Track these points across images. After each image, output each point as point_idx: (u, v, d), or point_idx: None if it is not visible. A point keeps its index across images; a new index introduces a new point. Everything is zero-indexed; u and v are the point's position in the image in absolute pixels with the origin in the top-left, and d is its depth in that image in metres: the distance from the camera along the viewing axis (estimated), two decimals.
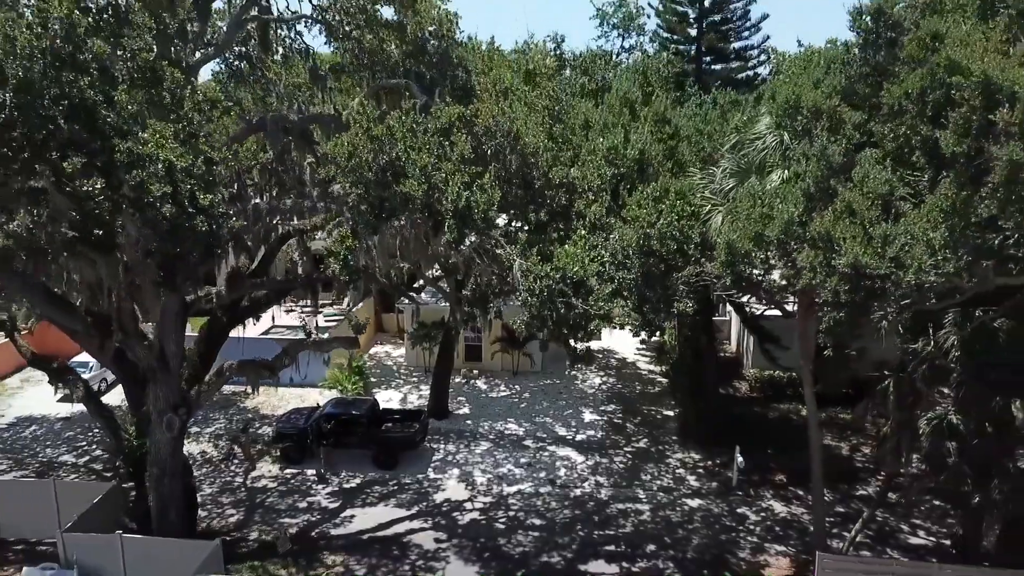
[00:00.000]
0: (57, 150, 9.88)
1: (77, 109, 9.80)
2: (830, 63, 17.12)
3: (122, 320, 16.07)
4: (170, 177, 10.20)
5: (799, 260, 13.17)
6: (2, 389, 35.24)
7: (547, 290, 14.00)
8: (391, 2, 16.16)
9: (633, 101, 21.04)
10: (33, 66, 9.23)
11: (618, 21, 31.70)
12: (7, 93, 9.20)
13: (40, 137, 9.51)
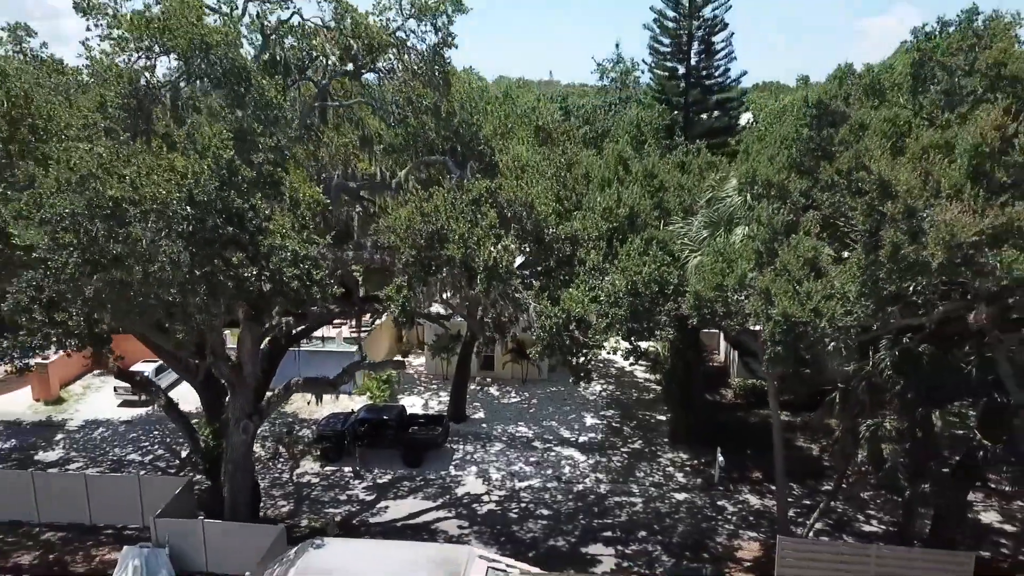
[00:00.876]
0: (222, 247, 13.84)
1: (233, 216, 13.73)
2: (783, 140, 21.20)
3: (215, 347, 20.22)
4: (295, 261, 14.25)
5: (746, 307, 17.24)
6: (67, 395, 39.43)
7: (556, 327, 18.09)
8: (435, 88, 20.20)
9: (626, 158, 25.04)
10: (209, 191, 13.19)
11: (616, 75, 35.50)
12: (192, 210, 13.15)
13: (213, 238, 13.43)
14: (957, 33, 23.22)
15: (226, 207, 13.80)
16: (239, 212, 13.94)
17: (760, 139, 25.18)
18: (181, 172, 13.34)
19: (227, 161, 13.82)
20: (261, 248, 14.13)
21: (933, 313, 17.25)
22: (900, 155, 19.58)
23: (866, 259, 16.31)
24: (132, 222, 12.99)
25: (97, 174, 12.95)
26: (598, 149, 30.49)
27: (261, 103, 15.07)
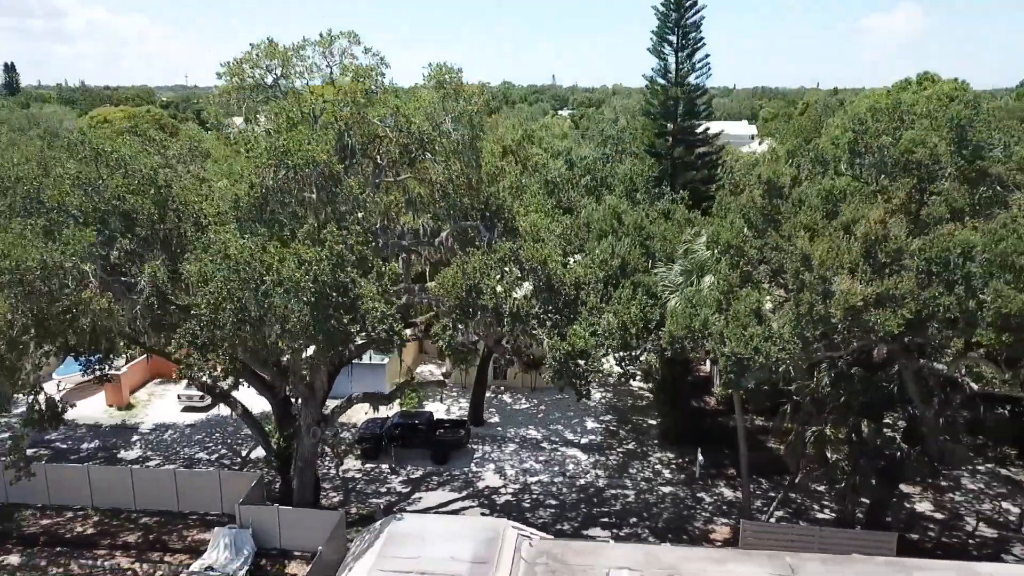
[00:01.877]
0: (334, 310, 19.52)
1: (341, 289, 19.33)
2: (742, 208, 26.88)
3: (298, 373, 26.00)
4: (383, 319, 19.85)
5: (706, 345, 22.90)
6: (136, 401, 45.22)
7: (563, 357, 23.75)
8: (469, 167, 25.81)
9: (620, 212, 30.67)
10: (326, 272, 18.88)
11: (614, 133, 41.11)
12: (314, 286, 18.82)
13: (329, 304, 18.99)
14: (885, 116, 28.89)
15: (337, 283, 19.36)
16: (345, 285, 19.53)
17: (732, 192, 30.82)
18: (307, 260, 18.92)
19: (337, 252, 19.44)
20: (360, 310, 19.75)
21: (848, 348, 22.93)
22: (835, 217, 25.36)
23: (795, 310, 22.01)
24: (273, 294, 18.53)
25: (248, 260, 18.57)
26: (598, 197, 36.14)
27: (349, 198, 20.71)
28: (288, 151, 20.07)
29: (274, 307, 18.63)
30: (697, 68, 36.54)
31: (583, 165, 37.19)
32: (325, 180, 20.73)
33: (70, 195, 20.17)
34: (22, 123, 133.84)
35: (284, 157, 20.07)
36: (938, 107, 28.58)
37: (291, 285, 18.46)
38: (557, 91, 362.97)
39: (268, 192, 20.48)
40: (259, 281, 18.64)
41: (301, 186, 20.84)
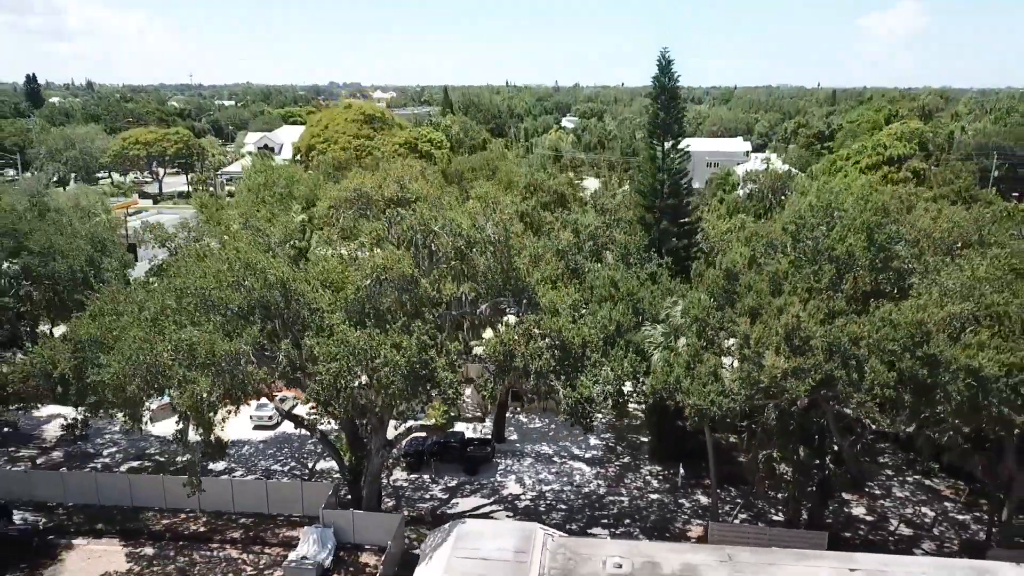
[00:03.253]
0: (419, 380, 28.12)
1: (427, 365, 27.95)
2: (708, 287, 35.58)
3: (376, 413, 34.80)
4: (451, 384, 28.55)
5: (677, 396, 31.66)
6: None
7: (574, 403, 32.46)
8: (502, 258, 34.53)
9: (616, 280, 39.21)
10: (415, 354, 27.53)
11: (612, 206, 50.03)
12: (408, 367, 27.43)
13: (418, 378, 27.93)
14: (820, 210, 37.52)
15: (421, 361, 28.03)
16: (426, 362, 28.25)
17: (707, 263, 39.62)
18: (402, 345, 27.61)
19: (421, 340, 28.23)
20: (436, 379, 28.41)
21: (780, 399, 31.69)
22: (779, 294, 34.06)
23: (739, 374, 30.78)
24: (379, 370, 27.24)
25: (362, 347, 27.29)
26: (599, 259, 44.87)
27: (424, 298, 29.49)
28: (385, 267, 28.84)
29: (380, 379, 27.31)
30: (679, 157, 45.29)
31: (587, 232, 45.91)
32: (408, 283, 29.48)
33: (232, 296, 28.83)
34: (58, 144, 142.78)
35: (382, 272, 28.86)
36: (857, 208, 37.06)
37: (391, 364, 27.15)
38: (560, 98, 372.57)
39: (368, 294, 29.24)
40: (370, 360, 27.35)
41: (391, 288, 29.60)
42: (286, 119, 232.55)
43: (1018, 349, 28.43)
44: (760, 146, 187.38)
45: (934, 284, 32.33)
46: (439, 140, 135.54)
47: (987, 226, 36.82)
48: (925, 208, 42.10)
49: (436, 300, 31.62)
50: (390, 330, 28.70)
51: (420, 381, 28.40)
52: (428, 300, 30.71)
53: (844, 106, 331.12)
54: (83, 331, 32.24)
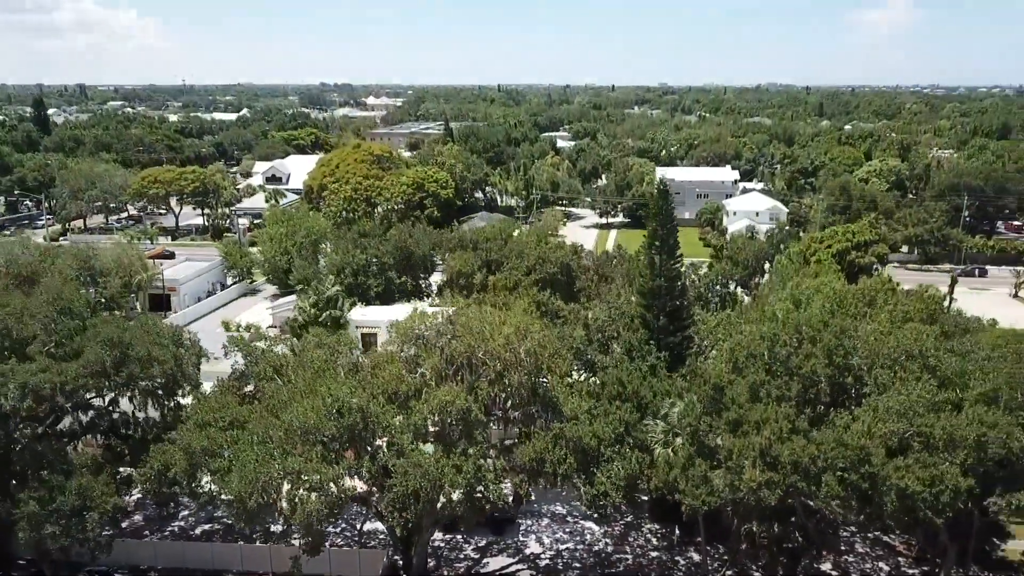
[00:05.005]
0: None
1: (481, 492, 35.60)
2: (699, 394, 43.63)
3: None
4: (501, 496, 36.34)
5: (675, 494, 39.68)
6: None
7: (593, 497, 40.44)
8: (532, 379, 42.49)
9: (624, 380, 47.13)
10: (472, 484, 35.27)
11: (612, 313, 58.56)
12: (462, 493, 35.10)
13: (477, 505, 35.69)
14: (792, 328, 45.62)
15: (477, 478, 36.07)
16: (481, 479, 36.29)
17: (695, 374, 47.77)
18: (462, 468, 35.58)
19: (477, 464, 36.24)
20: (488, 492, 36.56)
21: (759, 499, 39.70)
22: (758, 400, 42.13)
23: (725, 480, 38.83)
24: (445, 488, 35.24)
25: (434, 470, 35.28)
26: (607, 350, 52.91)
27: (475, 421, 37.68)
28: (450, 402, 36.81)
29: (447, 496, 35.19)
30: (674, 264, 53.39)
31: (596, 326, 53.93)
32: (465, 413, 37.44)
33: (327, 426, 36.62)
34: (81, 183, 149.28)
35: (446, 407, 36.83)
36: (820, 323, 45.12)
37: (455, 482, 35.08)
38: (553, 112, 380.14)
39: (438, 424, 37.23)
40: (439, 479, 35.23)
41: (452, 419, 37.60)
42: (288, 142, 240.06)
43: (940, 463, 36.60)
44: (748, 172, 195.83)
45: (878, 402, 40.46)
46: (444, 179, 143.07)
47: (926, 343, 44.79)
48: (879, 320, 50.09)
49: (483, 421, 39.64)
50: (452, 454, 36.63)
51: (475, 495, 36.41)
52: (478, 423, 38.71)
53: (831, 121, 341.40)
54: (196, 442, 39.95)
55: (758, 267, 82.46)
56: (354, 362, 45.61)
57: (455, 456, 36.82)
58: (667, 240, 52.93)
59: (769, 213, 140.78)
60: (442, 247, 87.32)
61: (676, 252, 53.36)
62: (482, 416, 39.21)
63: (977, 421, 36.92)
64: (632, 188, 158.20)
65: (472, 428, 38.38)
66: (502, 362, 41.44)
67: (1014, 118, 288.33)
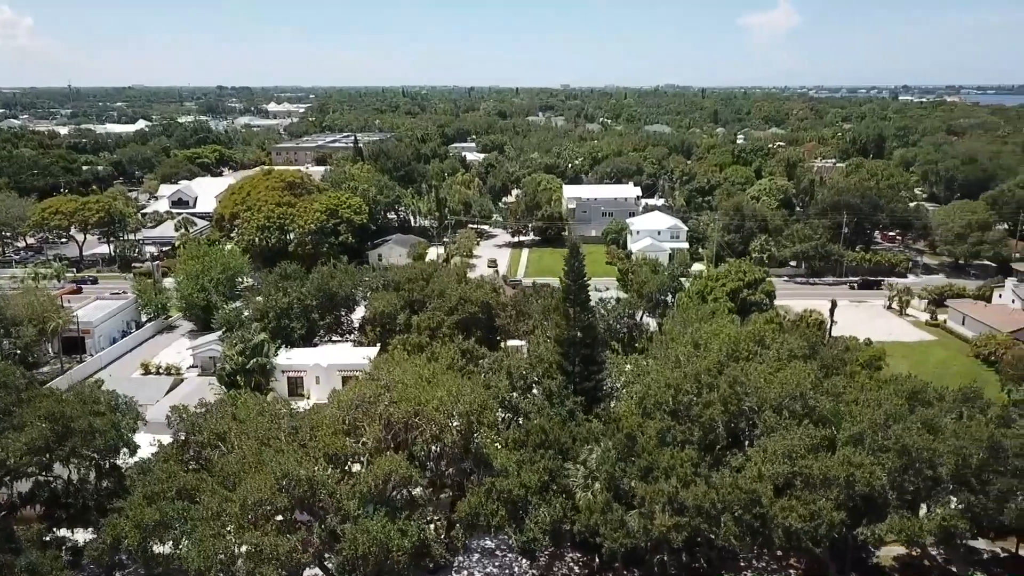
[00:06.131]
0: None
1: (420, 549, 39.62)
2: (615, 442, 48.73)
3: None
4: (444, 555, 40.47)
5: (596, 537, 44.70)
6: None
7: (523, 543, 44.86)
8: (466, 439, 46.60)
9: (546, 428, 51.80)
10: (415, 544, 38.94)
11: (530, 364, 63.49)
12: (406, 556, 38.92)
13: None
14: (693, 379, 51.39)
15: (419, 540, 39.77)
16: (423, 541, 40.08)
17: (613, 420, 52.92)
18: (407, 532, 39.36)
19: (420, 527, 40.08)
20: (431, 552, 40.41)
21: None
22: (665, 444, 47.54)
23: (639, 523, 43.98)
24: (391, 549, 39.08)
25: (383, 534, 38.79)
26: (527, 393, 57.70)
27: (414, 483, 41.46)
28: (393, 470, 40.43)
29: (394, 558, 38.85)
30: (587, 316, 58.53)
31: (518, 374, 58.57)
32: (406, 480, 41.17)
33: (281, 499, 39.58)
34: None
35: (390, 475, 40.40)
36: (716, 375, 51.10)
37: (401, 549, 38.79)
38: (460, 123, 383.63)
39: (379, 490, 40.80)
40: (386, 544, 38.84)
41: (395, 485, 41.20)
42: (192, 160, 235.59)
43: (817, 499, 42.85)
44: (649, 187, 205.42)
45: (767, 443, 46.57)
46: (358, 204, 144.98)
47: (804, 385, 51.31)
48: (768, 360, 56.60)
49: (423, 484, 43.45)
50: (397, 518, 40.32)
51: (420, 556, 40.23)
52: (419, 486, 42.51)
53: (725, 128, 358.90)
54: (148, 516, 42.12)
55: (662, 299, 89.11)
56: (294, 426, 48.51)
57: (400, 520, 40.52)
58: (579, 295, 58.04)
59: (670, 232, 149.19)
60: (364, 285, 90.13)
61: (588, 305, 58.53)
62: (422, 481, 43.01)
63: (846, 462, 43.36)
64: (542, 208, 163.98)
65: (414, 493, 42.16)
66: (437, 424, 45.34)
67: (888, 128, 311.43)
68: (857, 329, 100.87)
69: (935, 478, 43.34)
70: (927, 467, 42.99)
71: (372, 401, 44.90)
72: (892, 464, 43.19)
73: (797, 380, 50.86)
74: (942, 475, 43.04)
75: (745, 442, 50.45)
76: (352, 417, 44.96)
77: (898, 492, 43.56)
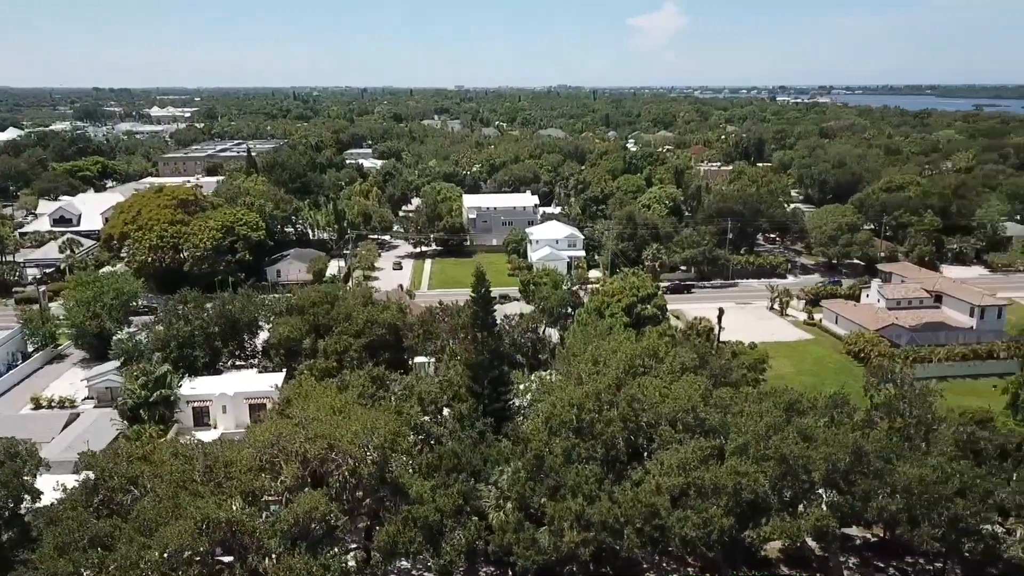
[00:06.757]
0: None
1: None
2: (525, 463, 51.52)
3: None
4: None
5: (509, 556, 47.38)
6: None
7: (440, 565, 47.03)
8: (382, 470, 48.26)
9: (458, 452, 54.13)
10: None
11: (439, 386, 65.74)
12: None
13: None
14: (593, 398, 54.76)
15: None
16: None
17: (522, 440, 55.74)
18: (330, 567, 40.79)
19: (342, 566, 41.68)
20: None
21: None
22: (571, 461, 50.67)
23: (549, 540, 46.93)
24: None
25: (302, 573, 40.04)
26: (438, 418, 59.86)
27: (338, 536, 42.99)
28: (313, 508, 41.73)
29: None
30: (494, 341, 61.21)
31: (430, 399, 60.59)
32: (326, 516, 42.59)
33: (202, 542, 40.06)
34: None
35: (310, 513, 41.73)
36: (615, 393, 54.68)
37: None
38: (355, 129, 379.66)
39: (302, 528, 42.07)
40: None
41: (316, 522, 42.57)
42: (73, 174, 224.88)
43: (709, 507, 46.93)
44: (546, 194, 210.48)
45: (663, 456, 50.44)
46: (254, 221, 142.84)
47: (695, 398, 55.61)
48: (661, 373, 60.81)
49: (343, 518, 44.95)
50: (319, 554, 41.67)
51: None
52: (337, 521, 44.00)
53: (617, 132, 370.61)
54: (61, 568, 41.80)
55: (563, 312, 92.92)
56: (208, 465, 48.92)
57: (323, 556, 41.92)
58: (487, 320, 60.62)
59: (568, 240, 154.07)
60: (267, 310, 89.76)
61: (496, 330, 61.20)
62: (342, 515, 44.54)
63: (734, 471, 47.68)
64: (443, 219, 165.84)
65: (333, 528, 43.63)
66: (353, 457, 46.91)
67: (767, 131, 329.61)
68: (743, 331, 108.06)
69: (810, 482, 48.28)
70: (803, 473, 47.85)
71: (288, 439, 45.96)
72: (773, 471, 47.80)
73: (689, 394, 55.06)
74: (815, 479, 48.02)
75: (644, 454, 54.22)
76: (269, 455, 45.89)
77: (779, 496, 48.25)
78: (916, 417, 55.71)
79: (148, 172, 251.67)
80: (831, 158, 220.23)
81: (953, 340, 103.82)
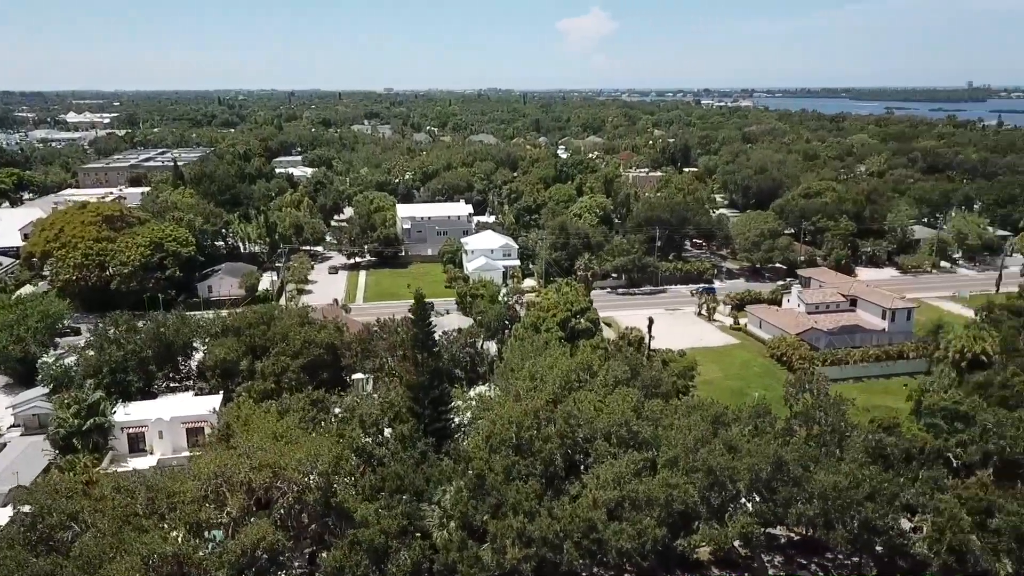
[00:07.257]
0: None
1: None
2: (467, 482, 53.22)
3: None
4: None
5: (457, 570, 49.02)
6: None
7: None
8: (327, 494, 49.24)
9: (401, 474, 55.45)
10: None
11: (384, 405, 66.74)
12: None
13: None
14: (532, 416, 56.84)
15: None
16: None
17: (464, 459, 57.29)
18: None
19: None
20: None
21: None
22: (511, 479, 52.55)
23: (492, 558, 48.73)
24: None
25: None
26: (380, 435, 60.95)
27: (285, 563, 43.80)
28: (261, 538, 42.49)
29: None
30: (433, 361, 62.71)
31: (371, 421, 61.62)
32: (273, 545, 43.41)
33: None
34: None
35: (258, 543, 42.48)
36: (552, 410, 56.94)
37: None
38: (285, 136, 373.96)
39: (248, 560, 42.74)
40: None
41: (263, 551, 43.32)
42: None
43: (643, 519, 49.53)
44: (480, 203, 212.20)
45: (599, 471, 52.86)
46: (184, 236, 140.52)
47: (627, 413, 58.35)
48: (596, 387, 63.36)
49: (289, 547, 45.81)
50: None
51: None
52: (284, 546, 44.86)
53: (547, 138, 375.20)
54: None
55: (501, 326, 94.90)
56: (151, 497, 49.07)
57: None
58: (426, 341, 62.05)
59: (503, 250, 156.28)
60: (201, 332, 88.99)
61: (435, 350, 62.70)
62: (288, 543, 45.40)
63: (665, 483, 50.43)
64: (377, 229, 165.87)
65: (279, 554, 44.51)
66: (298, 485, 47.82)
67: (692, 137, 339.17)
68: (673, 338, 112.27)
69: (735, 491, 51.42)
70: (729, 483, 50.95)
71: (233, 469, 46.56)
72: (702, 482, 50.75)
73: (622, 408, 57.73)
74: (740, 488, 51.18)
75: (581, 468, 56.59)
76: (214, 485, 46.40)
77: (707, 505, 51.23)
78: (831, 425, 59.61)
79: (68, 183, 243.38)
80: (753, 164, 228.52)
81: (867, 342, 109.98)
